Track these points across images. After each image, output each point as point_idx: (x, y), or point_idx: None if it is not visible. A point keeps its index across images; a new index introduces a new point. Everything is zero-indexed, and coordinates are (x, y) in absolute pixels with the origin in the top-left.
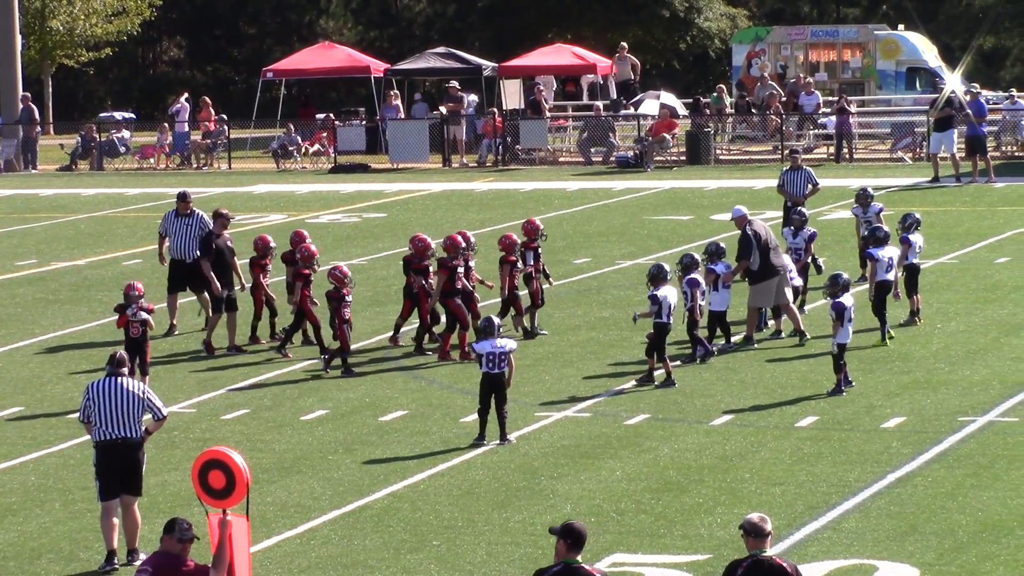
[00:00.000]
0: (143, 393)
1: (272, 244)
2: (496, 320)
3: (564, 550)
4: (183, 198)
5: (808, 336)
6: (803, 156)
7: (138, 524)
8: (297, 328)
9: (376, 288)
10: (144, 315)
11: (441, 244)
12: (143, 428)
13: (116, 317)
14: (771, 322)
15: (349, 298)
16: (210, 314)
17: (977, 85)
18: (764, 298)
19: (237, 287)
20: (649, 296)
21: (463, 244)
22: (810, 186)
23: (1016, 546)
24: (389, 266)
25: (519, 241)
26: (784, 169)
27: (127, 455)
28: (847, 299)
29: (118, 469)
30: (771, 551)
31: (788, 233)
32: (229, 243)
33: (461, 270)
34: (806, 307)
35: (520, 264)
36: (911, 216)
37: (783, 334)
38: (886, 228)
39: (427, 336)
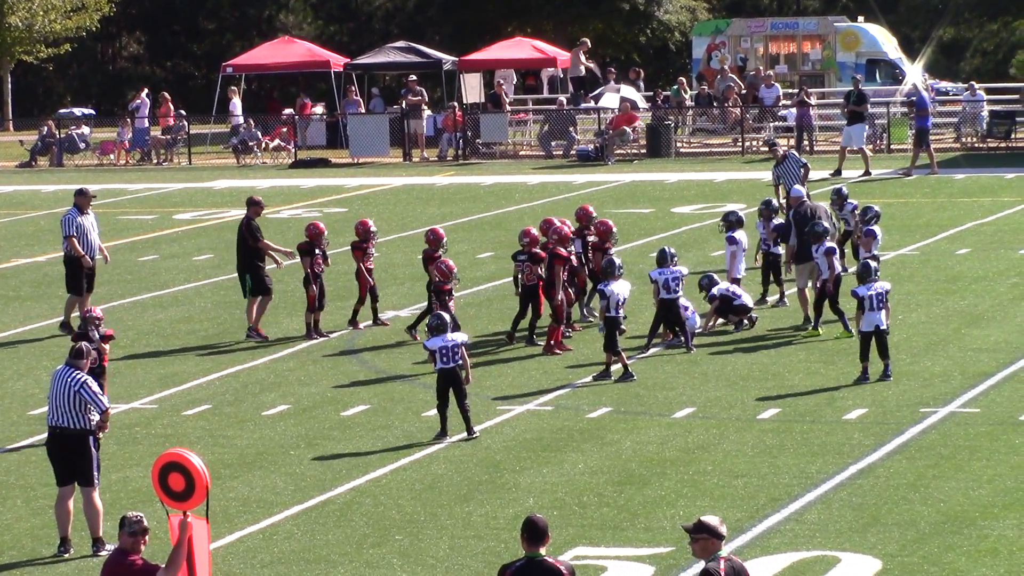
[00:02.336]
0: (77, 386)
1: (373, 228)
2: (447, 316)
3: (525, 544)
4: (86, 195)
5: (816, 327)
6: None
7: (98, 512)
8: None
9: (337, 283)
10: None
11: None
12: (88, 420)
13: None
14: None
15: (454, 292)
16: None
17: (927, 77)
18: (801, 279)
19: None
20: (599, 289)
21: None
22: (802, 169)
23: (978, 536)
24: (350, 260)
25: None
26: (773, 167)
27: (68, 444)
28: (871, 288)
29: (61, 456)
30: (733, 545)
31: (760, 224)
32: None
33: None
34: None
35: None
36: (871, 209)
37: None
38: (825, 224)
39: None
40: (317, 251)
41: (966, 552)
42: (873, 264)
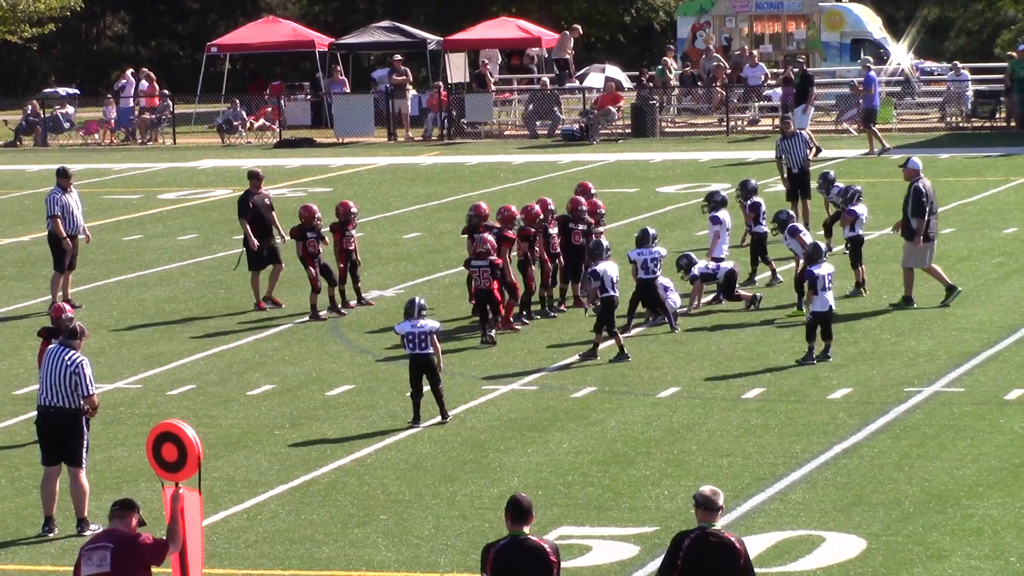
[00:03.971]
0: (73, 366)
1: (354, 210)
2: (418, 300)
3: (509, 523)
4: (67, 174)
5: (959, 289)
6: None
7: (85, 492)
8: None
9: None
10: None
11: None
12: (79, 399)
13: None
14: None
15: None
16: (68, 295)
17: (871, 59)
18: (919, 259)
19: (278, 240)
20: (589, 272)
21: (542, 214)
22: (808, 151)
23: (962, 516)
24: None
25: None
26: (778, 139)
27: (58, 423)
28: (822, 268)
29: (51, 436)
30: (719, 524)
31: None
32: (267, 200)
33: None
34: (757, 277)
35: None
36: (852, 188)
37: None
38: (788, 210)
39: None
40: (310, 234)
41: (950, 531)
42: (822, 245)
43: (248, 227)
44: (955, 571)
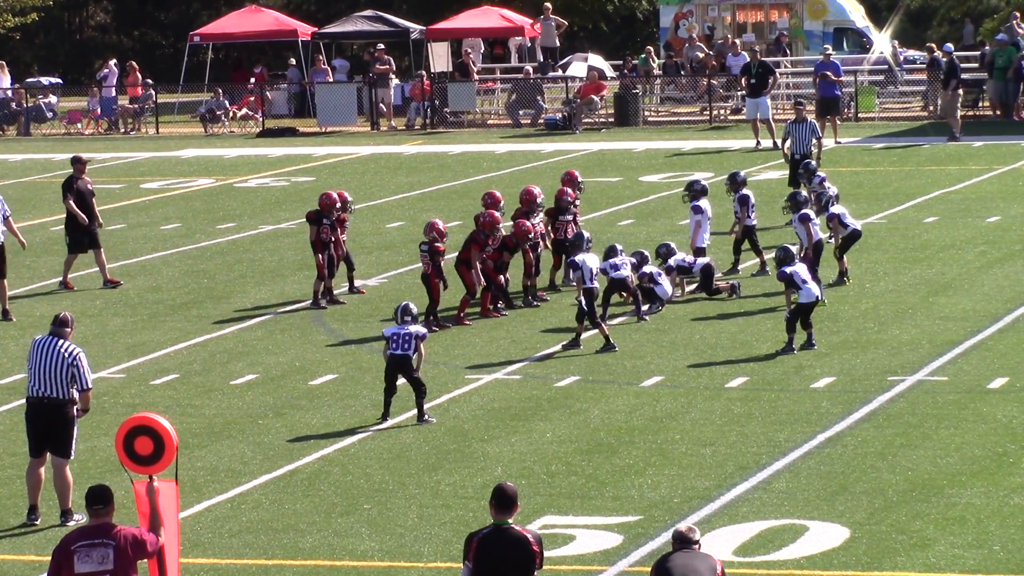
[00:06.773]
0: (71, 358)
1: (349, 199)
2: (403, 305)
3: (493, 512)
4: None
5: None
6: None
7: (69, 485)
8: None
9: (305, 252)
10: None
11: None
12: (73, 391)
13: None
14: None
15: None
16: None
17: (829, 47)
18: None
19: (96, 225)
20: (568, 262)
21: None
22: (814, 139)
23: (946, 504)
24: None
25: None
26: (789, 121)
27: (51, 414)
28: (795, 267)
29: (43, 427)
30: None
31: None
32: (89, 186)
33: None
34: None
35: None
36: (824, 194)
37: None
38: (804, 193)
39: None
40: (325, 221)
41: (934, 520)
42: (793, 249)
43: (75, 207)
44: (938, 559)
